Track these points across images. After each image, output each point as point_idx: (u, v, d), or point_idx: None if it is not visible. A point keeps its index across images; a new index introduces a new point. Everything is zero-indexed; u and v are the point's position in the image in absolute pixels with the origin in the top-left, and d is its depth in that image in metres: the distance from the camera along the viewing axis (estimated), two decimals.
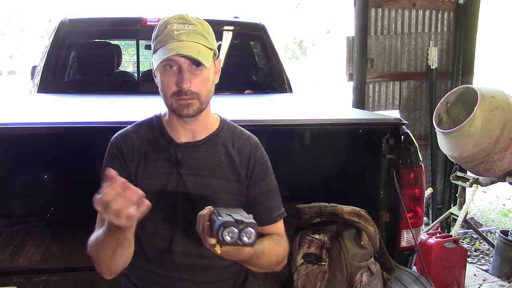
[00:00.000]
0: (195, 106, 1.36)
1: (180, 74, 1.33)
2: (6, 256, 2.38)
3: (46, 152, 2.68)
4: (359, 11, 4.15)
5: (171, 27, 1.35)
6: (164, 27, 1.36)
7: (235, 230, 1.12)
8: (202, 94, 1.37)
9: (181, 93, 1.34)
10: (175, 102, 1.36)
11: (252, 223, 1.14)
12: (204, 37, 1.37)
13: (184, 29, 1.35)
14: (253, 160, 1.49)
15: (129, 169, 1.44)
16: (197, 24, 1.38)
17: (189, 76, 1.34)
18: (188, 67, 1.34)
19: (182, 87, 1.33)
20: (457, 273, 3.24)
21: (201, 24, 1.39)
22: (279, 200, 1.55)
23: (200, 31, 1.37)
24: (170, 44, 1.33)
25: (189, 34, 1.34)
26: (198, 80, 1.35)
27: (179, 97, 1.35)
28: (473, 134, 3.14)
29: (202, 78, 1.36)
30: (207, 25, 1.41)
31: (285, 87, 3.72)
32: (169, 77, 1.35)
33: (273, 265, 1.44)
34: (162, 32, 1.36)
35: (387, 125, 2.14)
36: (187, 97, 1.34)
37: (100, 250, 1.29)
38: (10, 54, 14.32)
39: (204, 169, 1.45)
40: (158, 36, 1.37)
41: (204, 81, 1.37)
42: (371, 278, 1.92)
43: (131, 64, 7.88)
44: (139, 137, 1.47)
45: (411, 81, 4.51)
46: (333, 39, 12.88)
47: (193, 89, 1.34)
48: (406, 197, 2.08)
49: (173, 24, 1.35)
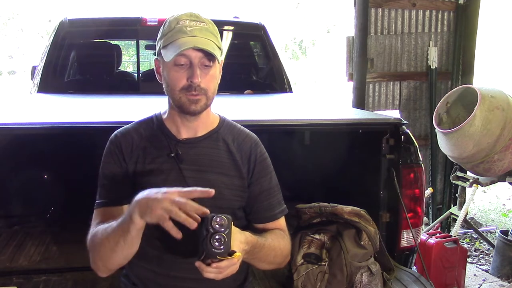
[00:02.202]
0: (202, 102, 1.38)
1: (192, 69, 1.35)
2: (6, 256, 2.37)
3: (46, 152, 2.68)
4: (359, 11, 4.15)
5: (184, 23, 1.36)
6: (176, 23, 1.37)
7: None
8: (209, 91, 1.39)
9: (191, 88, 1.35)
10: (183, 97, 1.37)
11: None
12: (215, 36, 1.39)
13: (197, 25, 1.37)
14: (254, 158, 1.50)
15: (128, 166, 1.44)
16: (208, 23, 1.40)
17: (200, 72, 1.35)
18: (199, 63, 1.35)
19: (194, 81, 1.34)
20: (457, 273, 3.24)
21: (211, 23, 1.42)
22: (280, 197, 1.56)
23: (211, 30, 1.39)
24: (184, 39, 1.34)
25: (201, 31, 1.36)
26: (207, 77, 1.37)
27: (189, 92, 1.36)
28: (473, 134, 3.14)
29: (210, 75, 1.38)
30: (215, 26, 1.43)
31: (285, 87, 3.72)
32: (178, 71, 1.36)
33: (279, 259, 1.46)
34: (174, 28, 1.36)
35: (387, 125, 2.14)
36: (196, 93, 1.36)
37: (105, 242, 1.30)
38: (10, 54, 14.31)
39: (205, 164, 1.45)
40: (169, 31, 1.37)
41: (212, 78, 1.39)
42: (371, 278, 1.92)
43: (131, 64, 7.87)
44: (139, 134, 1.48)
45: (411, 81, 4.51)
46: (333, 39, 12.88)
47: (202, 85, 1.36)
48: (406, 197, 2.08)
49: (185, 21, 1.37)
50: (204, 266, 1.18)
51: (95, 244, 1.34)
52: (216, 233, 1.14)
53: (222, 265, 1.17)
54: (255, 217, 1.53)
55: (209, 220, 1.16)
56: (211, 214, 1.18)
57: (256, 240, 1.33)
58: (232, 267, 1.21)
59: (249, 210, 1.53)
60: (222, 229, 1.15)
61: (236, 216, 1.51)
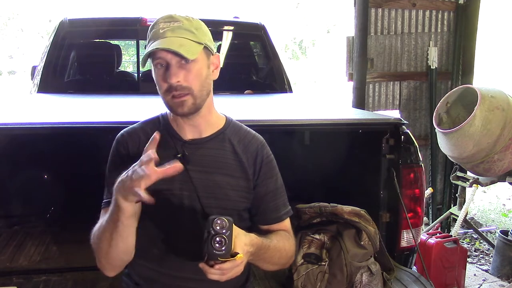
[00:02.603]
0: (189, 103, 1.36)
1: (168, 70, 1.34)
2: (6, 256, 2.38)
3: (46, 152, 2.67)
4: (359, 11, 4.15)
5: (158, 27, 1.36)
6: (153, 27, 1.38)
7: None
8: (195, 89, 1.36)
9: (172, 89, 1.34)
10: (170, 100, 1.36)
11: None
12: (190, 32, 1.36)
13: (169, 26, 1.35)
14: (260, 159, 1.49)
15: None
16: (183, 20, 1.38)
17: (177, 71, 1.34)
18: (177, 63, 1.34)
19: (170, 82, 1.33)
20: (457, 273, 3.24)
21: (188, 20, 1.39)
22: (286, 198, 1.56)
23: (186, 27, 1.36)
24: (155, 42, 1.34)
25: (173, 31, 1.35)
26: (189, 75, 1.35)
27: (171, 93, 1.35)
28: (473, 134, 3.14)
29: (193, 72, 1.35)
30: (196, 21, 1.41)
31: (285, 87, 3.72)
32: (159, 75, 1.36)
33: (283, 260, 1.46)
34: (151, 33, 1.37)
35: (387, 125, 2.14)
36: (178, 93, 1.34)
37: (102, 235, 1.31)
38: (10, 54, 14.32)
39: (211, 165, 1.45)
40: (148, 38, 1.38)
41: (195, 75, 1.36)
42: (371, 278, 1.92)
43: (131, 64, 7.87)
44: (146, 134, 1.47)
45: (411, 81, 4.51)
46: (333, 39, 12.88)
47: (183, 84, 1.34)
48: (406, 197, 2.08)
49: (160, 24, 1.36)
50: (208, 267, 1.18)
51: (95, 242, 1.35)
52: (217, 235, 1.15)
53: (225, 267, 1.17)
54: (260, 218, 1.52)
55: (210, 222, 1.17)
56: (212, 216, 1.18)
57: (262, 241, 1.32)
58: (236, 269, 1.20)
59: (255, 211, 1.52)
60: (223, 230, 1.15)
61: (242, 218, 1.51)
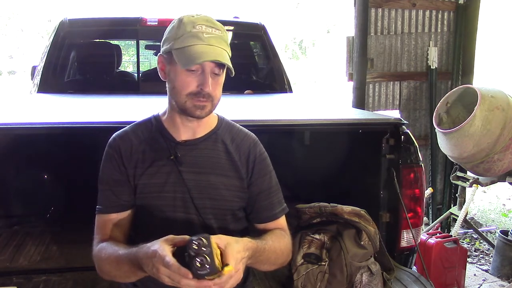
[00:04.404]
0: (207, 109, 1.39)
1: (203, 76, 1.35)
2: (6, 256, 2.37)
3: (46, 152, 2.67)
4: (359, 11, 4.15)
5: (200, 29, 1.35)
6: (192, 26, 1.35)
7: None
8: (216, 98, 1.40)
9: (199, 94, 1.36)
10: (189, 102, 1.37)
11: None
12: (227, 44, 1.40)
13: (213, 33, 1.36)
14: (253, 158, 1.50)
15: (127, 171, 1.44)
16: (222, 30, 1.40)
17: (212, 80, 1.36)
18: (210, 71, 1.36)
19: (205, 89, 1.35)
20: (457, 273, 3.24)
21: (224, 30, 1.41)
22: (281, 196, 1.56)
23: (225, 38, 1.40)
24: (200, 46, 1.33)
25: (217, 40, 1.36)
26: (216, 85, 1.38)
27: (197, 98, 1.36)
28: (473, 134, 3.14)
29: (219, 84, 1.40)
30: (225, 32, 1.43)
31: (285, 87, 3.72)
32: (189, 76, 1.36)
33: (280, 260, 1.46)
34: (190, 32, 1.35)
35: (387, 125, 2.14)
36: (204, 99, 1.36)
37: (113, 265, 1.33)
38: (10, 54, 14.32)
39: (204, 166, 1.45)
40: (183, 34, 1.35)
41: (219, 86, 1.40)
42: (371, 278, 1.92)
43: (131, 64, 7.87)
44: (137, 137, 1.47)
45: (411, 81, 4.51)
46: (333, 39, 12.89)
47: (212, 93, 1.37)
48: (406, 197, 2.08)
49: (202, 26, 1.36)
50: (206, 283, 1.15)
51: (101, 260, 1.36)
52: (197, 255, 1.12)
53: (222, 280, 1.15)
54: (255, 217, 1.53)
55: (187, 244, 1.14)
56: (188, 237, 1.17)
57: (256, 245, 1.31)
58: (235, 277, 1.18)
59: (250, 210, 1.53)
60: (202, 249, 1.12)
61: (237, 217, 1.51)
